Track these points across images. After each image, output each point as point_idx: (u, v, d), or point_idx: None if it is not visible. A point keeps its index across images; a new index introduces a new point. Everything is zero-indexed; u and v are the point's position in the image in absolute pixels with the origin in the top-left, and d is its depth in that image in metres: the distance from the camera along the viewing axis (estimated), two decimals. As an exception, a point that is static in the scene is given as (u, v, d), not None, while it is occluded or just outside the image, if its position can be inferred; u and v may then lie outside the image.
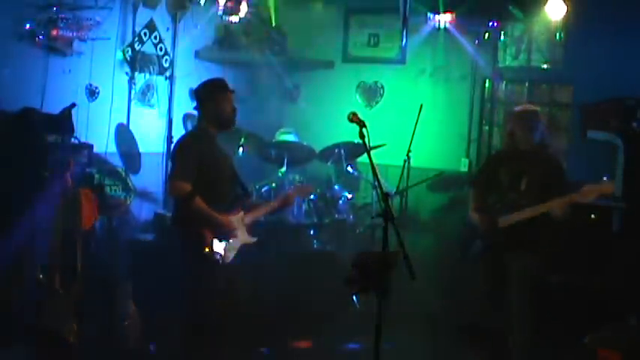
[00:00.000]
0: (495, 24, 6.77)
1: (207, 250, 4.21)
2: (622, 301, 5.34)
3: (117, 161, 5.99)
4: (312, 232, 6.16)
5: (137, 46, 6.19)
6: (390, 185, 6.42)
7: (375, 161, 3.62)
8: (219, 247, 4.28)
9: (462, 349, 5.56)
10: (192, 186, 4.17)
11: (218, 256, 4.26)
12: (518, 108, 5.10)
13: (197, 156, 4.23)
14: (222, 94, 4.42)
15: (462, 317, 6.11)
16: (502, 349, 5.00)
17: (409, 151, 6.34)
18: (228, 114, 4.42)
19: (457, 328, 6.03)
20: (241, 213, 4.50)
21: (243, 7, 6.57)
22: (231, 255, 4.36)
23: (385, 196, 3.45)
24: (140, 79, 6.29)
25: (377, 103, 7.80)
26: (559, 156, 6.15)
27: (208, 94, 4.42)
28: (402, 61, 7.65)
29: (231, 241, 4.35)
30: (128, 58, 6.12)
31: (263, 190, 6.11)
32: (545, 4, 6.31)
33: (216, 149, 4.44)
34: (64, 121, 5.05)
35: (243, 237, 4.48)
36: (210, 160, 4.30)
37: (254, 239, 4.60)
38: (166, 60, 6.58)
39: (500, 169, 5.01)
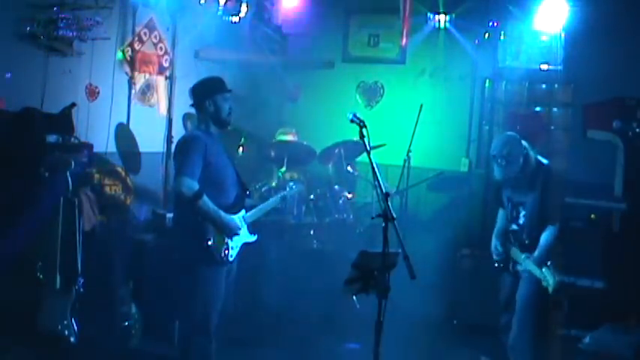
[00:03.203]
0: (495, 24, 6.77)
1: (210, 250, 4.21)
2: (622, 301, 5.35)
3: (117, 161, 5.99)
4: (312, 232, 6.16)
5: (137, 46, 6.20)
6: (390, 185, 6.43)
7: (375, 161, 3.63)
8: (222, 246, 4.28)
9: (462, 348, 5.57)
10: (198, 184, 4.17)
11: (220, 256, 4.26)
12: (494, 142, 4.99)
13: (202, 154, 4.22)
14: (220, 92, 4.42)
15: (461, 317, 6.13)
16: (501, 348, 5.01)
17: (409, 151, 6.35)
18: (225, 113, 4.42)
19: (456, 328, 6.04)
20: (243, 212, 4.50)
21: (244, 8, 6.58)
22: (233, 254, 4.36)
23: (385, 196, 3.46)
24: (140, 79, 6.29)
25: (377, 103, 7.81)
26: (558, 157, 6.16)
27: (206, 93, 4.41)
28: (402, 61, 7.66)
29: (233, 240, 4.35)
30: (128, 58, 6.12)
31: (263, 190, 6.12)
32: (545, 3, 6.31)
33: (220, 148, 4.44)
34: (64, 121, 5.05)
35: (244, 236, 4.48)
36: (214, 159, 4.29)
37: (254, 238, 4.60)
38: (166, 60, 6.58)
39: (502, 191, 5.02)
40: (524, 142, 4.80)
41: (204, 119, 4.42)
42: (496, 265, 4.99)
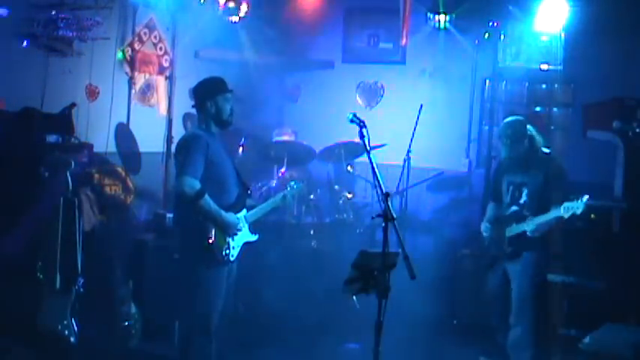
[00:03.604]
0: (495, 24, 6.77)
1: (210, 249, 4.21)
2: (622, 301, 5.34)
3: (117, 161, 5.99)
4: (312, 232, 6.16)
5: (137, 46, 6.20)
6: (390, 185, 6.43)
7: (375, 161, 3.63)
8: (223, 246, 4.28)
9: (462, 348, 5.57)
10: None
11: (221, 256, 4.26)
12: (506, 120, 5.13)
13: (204, 153, 4.22)
14: (222, 93, 4.42)
15: (461, 317, 6.13)
16: (500, 348, 5.01)
17: (409, 151, 6.34)
18: (226, 114, 4.42)
19: (456, 328, 6.04)
20: (244, 211, 4.50)
21: (244, 7, 6.57)
22: (233, 254, 4.36)
23: (385, 196, 3.46)
24: (140, 79, 6.29)
25: (377, 103, 7.80)
26: (559, 156, 6.16)
27: (207, 93, 4.41)
28: (402, 61, 7.65)
29: (234, 239, 4.35)
30: (128, 58, 6.12)
31: (263, 189, 6.12)
32: (545, 3, 6.31)
33: (221, 148, 4.44)
34: (64, 121, 5.05)
35: (245, 236, 4.48)
36: (216, 159, 4.29)
37: (256, 238, 4.60)
38: (166, 60, 6.58)
39: (502, 178, 5.07)
40: (529, 127, 4.92)
41: (205, 119, 4.42)
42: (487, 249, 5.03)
